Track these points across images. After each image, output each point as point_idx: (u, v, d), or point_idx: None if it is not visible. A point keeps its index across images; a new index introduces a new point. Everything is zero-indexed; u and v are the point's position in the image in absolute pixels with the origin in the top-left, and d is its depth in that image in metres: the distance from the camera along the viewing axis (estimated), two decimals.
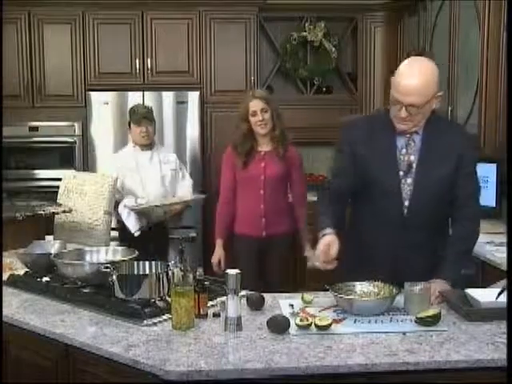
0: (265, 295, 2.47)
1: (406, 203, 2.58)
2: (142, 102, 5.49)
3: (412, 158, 2.57)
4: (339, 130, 2.77)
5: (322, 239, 2.45)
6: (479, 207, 2.66)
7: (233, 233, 3.92)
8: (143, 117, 4.23)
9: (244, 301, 2.39)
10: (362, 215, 2.71)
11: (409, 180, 2.57)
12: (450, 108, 4.38)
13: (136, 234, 4.20)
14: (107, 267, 2.48)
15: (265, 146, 3.81)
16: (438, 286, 2.46)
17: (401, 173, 2.57)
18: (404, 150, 2.58)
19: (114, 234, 4.95)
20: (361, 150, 2.60)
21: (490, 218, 4.22)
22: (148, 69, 5.67)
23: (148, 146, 4.33)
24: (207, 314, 2.32)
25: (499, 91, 3.82)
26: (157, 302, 2.36)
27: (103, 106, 5.56)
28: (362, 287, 2.47)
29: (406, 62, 2.52)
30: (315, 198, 2.79)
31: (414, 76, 2.44)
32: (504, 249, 3.25)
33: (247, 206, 3.83)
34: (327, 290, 2.44)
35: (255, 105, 3.72)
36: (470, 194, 2.61)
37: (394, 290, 2.39)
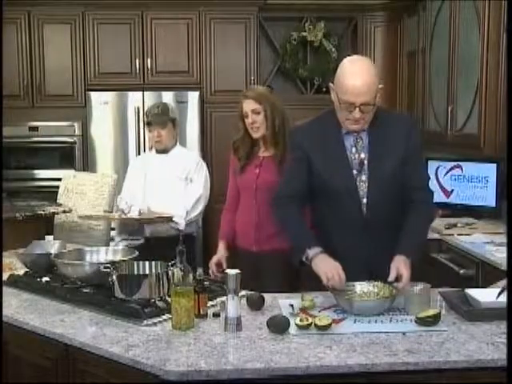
0: (264, 295, 2.46)
1: (364, 201, 2.58)
2: (142, 101, 5.52)
3: (362, 155, 2.58)
4: (289, 136, 2.74)
5: (321, 260, 2.43)
6: (431, 191, 2.69)
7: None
8: (153, 120, 3.81)
9: (244, 301, 2.39)
10: (323, 219, 2.69)
11: (363, 177, 2.58)
12: (449, 108, 4.39)
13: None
14: (107, 267, 2.48)
15: (265, 151, 3.29)
16: (398, 262, 2.43)
17: (354, 171, 2.58)
18: (354, 149, 2.59)
19: (113, 233, 4.96)
20: (313, 154, 2.60)
21: (490, 218, 4.23)
22: (148, 69, 5.67)
23: (163, 150, 3.88)
24: (207, 314, 2.32)
25: (499, 91, 3.82)
26: (157, 302, 2.36)
27: (103, 106, 5.56)
28: (361, 287, 2.47)
29: (345, 64, 2.52)
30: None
31: (360, 75, 2.44)
32: (504, 249, 3.24)
33: (241, 216, 3.34)
34: (327, 290, 2.44)
35: (246, 106, 3.25)
36: (421, 179, 2.66)
37: (394, 291, 2.39)
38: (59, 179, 4.78)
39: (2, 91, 5.17)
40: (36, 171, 5.73)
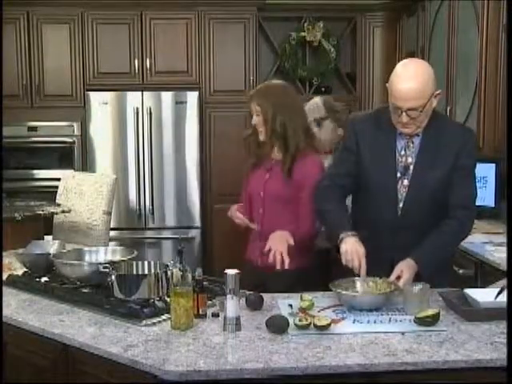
0: (264, 295, 2.46)
1: (401, 204, 2.58)
2: (141, 102, 5.51)
3: (409, 159, 2.57)
4: (347, 124, 2.73)
5: (350, 242, 2.44)
6: (472, 210, 2.60)
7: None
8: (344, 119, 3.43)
9: (243, 301, 2.39)
10: (359, 213, 2.72)
11: (405, 182, 2.57)
12: (448, 108, 4.39)
13: None
14: (106, 267, 2.48)
15: (276, 154, 3.00)
16: (403, 264, 2.44)
17: (398, 174, 2.57)
18: (403, 152, 2.58)
19: (113, 233, 4.96)
20: (364, 148, 2.60)
21: (489, 218, 4.23)
22: (147, 69, 5.67)
23: None
24: (206, 313, 2.32)
25: (498, 91, 3.82)
26: (156, 302, 2.36)
27: (102, 106, 5.56)
28: (360, 283, 2.47)
29: (399, 66, 2.49)
30: None
31: (410, 79, 2.41)
32: (503, 249, 3.25)
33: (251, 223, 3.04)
34: (328, 290, 2.44)
35: (251, 107, 2.99)
36: (465, 197, 2.57)
37: (392, 286, 2.40)
38: (58, 179, 4.78)
39: (1, 91, 5.18)
40: (35, 171, 5.73)
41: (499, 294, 2.28)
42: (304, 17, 5.97)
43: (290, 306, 2.38)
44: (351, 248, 2.43)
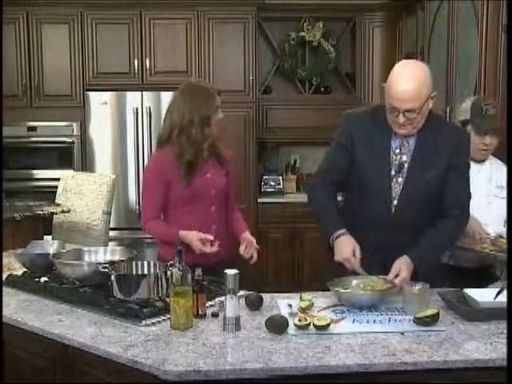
0: (263, 295, 2.47)
1: (395, 202, 2.59)
2: (140, 102, 5.50)
3: (404, 158, 2.58)
4: (342, 120, 2.72)
5: (342, 241, 2.49)
6: (467, 209, 2.63)
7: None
8: (493, 126, 3.03)
9: (242, 301, 2.39)
10: (352, 212, 2.71)
11: (399, 179, 2.58)
12: (448, 108, 4.39)
13: None
14: (106, 267, 2.48)
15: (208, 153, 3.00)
16: (402, 262, 2.46)
17: (392, 172, 2.58)
18: (398, 150, 2.59)
19: (113, 233, 4.95)
20: (359, 146, 2.60)
21: None
22: (146, 69, 5.67)
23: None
24: (206, 313, 2.32)
25: (497, 91, 3.82)
26: (155, 302, 2.36)
27: (102, 106, 5.56)
28: (357, 282, 2.48)
29: (396, 67, 2.50)
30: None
31: (407, 81, 2.42)
32: None
33: (193, 228, 2.84)
34: (326, 290, 2.44)
35: (218, 103, 3.27)
36: (458, 196, 2.59)
37: (389, 284, 2.41)
38: (57, 179, 4.78)
39: (1, 91, 5.18)
40: (34, 171, 5.73)
41: (498, 294, 2.28)
42: (303, 17, 5.97)
43: (290, 305, 2.38)
44: (343, 253, 2.48)
